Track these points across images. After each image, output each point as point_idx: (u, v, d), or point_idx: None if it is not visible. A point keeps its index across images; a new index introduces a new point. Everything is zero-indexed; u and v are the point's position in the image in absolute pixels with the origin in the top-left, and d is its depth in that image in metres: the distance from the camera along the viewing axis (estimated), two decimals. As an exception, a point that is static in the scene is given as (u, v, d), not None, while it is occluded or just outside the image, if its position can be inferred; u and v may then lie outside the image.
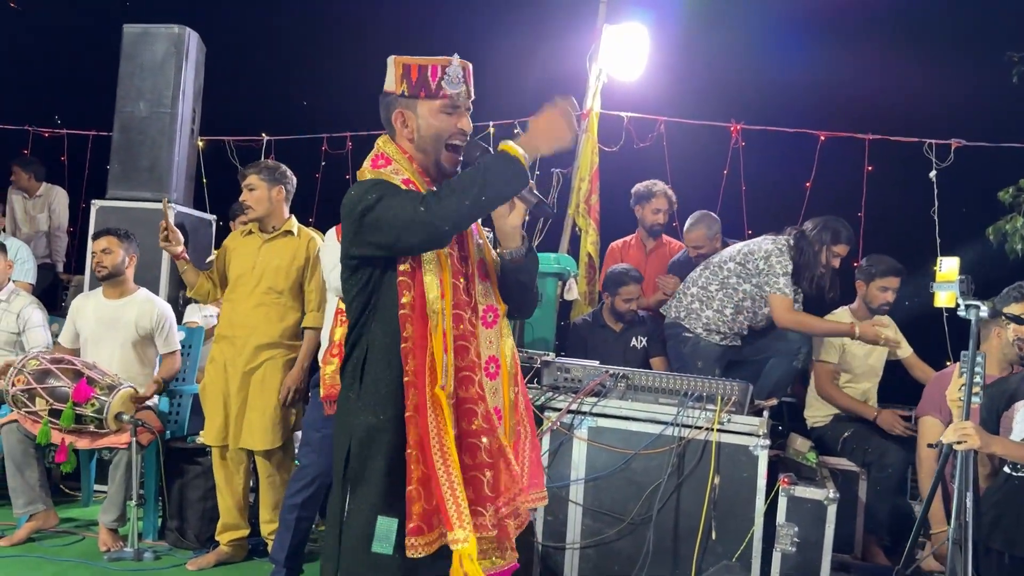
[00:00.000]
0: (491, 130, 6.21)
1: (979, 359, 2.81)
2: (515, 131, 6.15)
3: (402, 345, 1.97)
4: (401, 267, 1.99)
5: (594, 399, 3.60)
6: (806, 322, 4.13)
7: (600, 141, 5.85)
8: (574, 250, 5.79)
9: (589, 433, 3.57)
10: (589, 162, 5.77)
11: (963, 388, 2.83)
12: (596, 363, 3.86)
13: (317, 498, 3.53)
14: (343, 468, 2.02)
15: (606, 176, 5.78)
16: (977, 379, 2.81)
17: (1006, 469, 3.06)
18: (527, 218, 2.11)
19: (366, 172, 2.09)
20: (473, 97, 2.12)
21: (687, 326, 4.31)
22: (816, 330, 4.18)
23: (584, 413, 3.58)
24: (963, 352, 2.85)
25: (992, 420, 3.10)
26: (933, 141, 5.50)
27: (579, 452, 3.57)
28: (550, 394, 3.66)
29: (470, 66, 2.10)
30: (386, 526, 1.94)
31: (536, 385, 3.71)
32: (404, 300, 1.98)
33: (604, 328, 4.72)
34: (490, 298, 2.14)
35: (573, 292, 5.00)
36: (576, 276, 5.12)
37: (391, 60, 2.10)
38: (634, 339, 4.68)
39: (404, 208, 1.92)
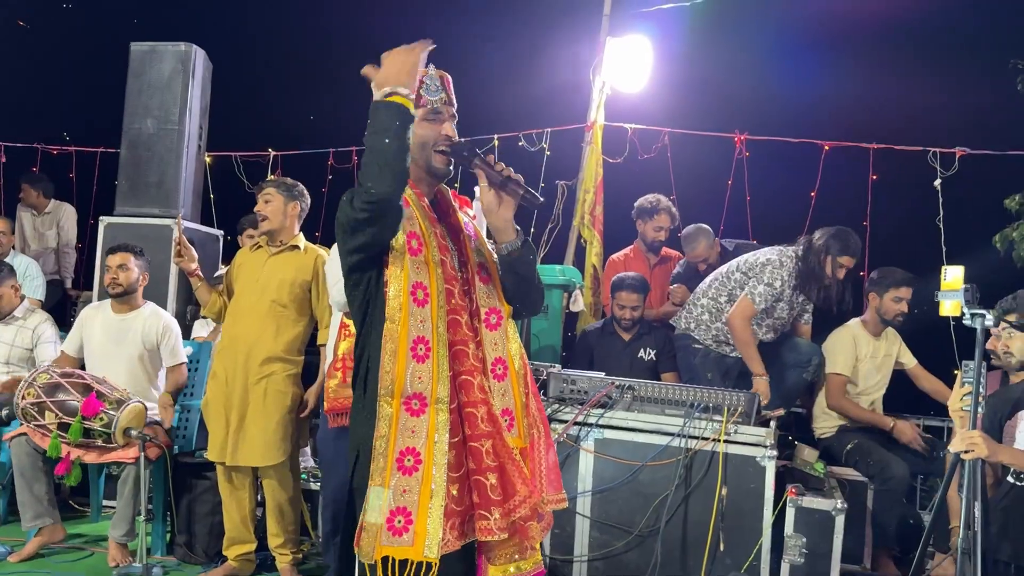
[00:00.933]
0: (496, 142, 6.24)
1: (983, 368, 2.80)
2: (519, 143, 6.18)
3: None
4: (384, 276, 2.02)
5: (600, 410, 3.60)
6: (742, 336, 4.09)
7: (604, 152, 5.88)
8: (579, 262, 5.81)
9: (596, 445, 3.57)
10: (594, 174, 5.79)
11: (965, 397, 2.82)
12: (602, 375, 3.86)
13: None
14: (351, 476, 2.05)
15: (611, 187, 5.80)
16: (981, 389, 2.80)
17: (1010, 479, 3.05)
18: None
19: None
20: (455, 105, 2.17)
21: (697, 337, 4.32)
22: (742, 349, 4.13)
23: (591, 425, 3.58)
24: (964, 362, 2.84)
25: (995, 429, 3.09)
26: (937, 150, 5.50)
27: (586, 464, 3.58)
28: (556, 406, 3.66)
29: (448, 76, 2.16)
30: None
31: (543, 397, 3.72)
32: (393, 291, 2.01)
33: (613, 336, 4.72)
34: (493, 300, 2.15)
35: (579, 303, 5.01)
36: (581, 287, 5.13)
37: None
38: (642, 350, 4.67)
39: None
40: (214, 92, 5.40)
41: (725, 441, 3.43)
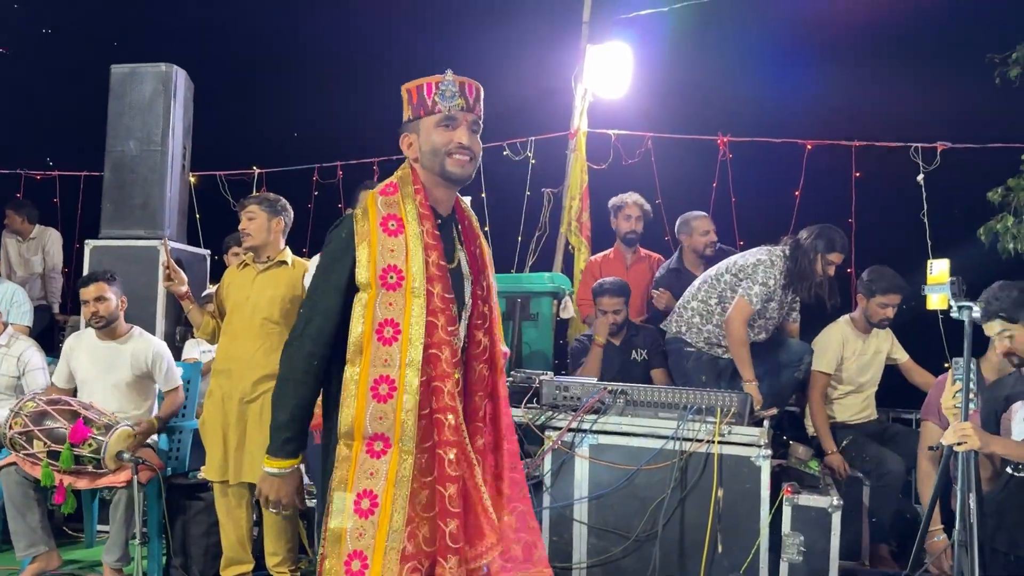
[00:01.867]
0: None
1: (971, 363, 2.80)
2: (503, 152, 6.19)
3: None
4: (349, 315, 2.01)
5: (594, 416, 3.60)
6: (739, 337, 4.07)
7: (588, 159, 5.90)
8: (568, 268, 5.82)
9: (591, 451, 3.56)
10: (579, 181, 5.81)
11: (958, 395, 2.83)
12: (594, 380, 3.86)
13: None
14: (323, 502, 2.01)
15: (596, 194, 5.81)
16: (971, 383, 2.80)
17: (1008, 470, 3.06)
18: None
19: (375, 193, 2.10)
20: (478, 113, 2.12)
21: (689, 340, 4.32)
22: (736, 350, 4.11)
23: (585, 431, 3.57)
24: (955, 359, 2.84)
25: (992, 423, 3.10)
26: (919, 145, 5.55)
27: (581, 470, 3.57)
28: (550, 413, 3.66)
29: (473, 83, 2.10)
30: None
31: (535, 405, 3.72)
32: (352, 336, 1.98)
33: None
34: (500, 342, 2.16)
35: (569, 310, 5.01)
36: (571, 294, 5.13)
37: (402, 90, 2.11)
38: (634, 352, 4.67)
39: (306, 308, 2.08)
40: (197, 112, 5.39)
41: (719, 442, 3.43)
